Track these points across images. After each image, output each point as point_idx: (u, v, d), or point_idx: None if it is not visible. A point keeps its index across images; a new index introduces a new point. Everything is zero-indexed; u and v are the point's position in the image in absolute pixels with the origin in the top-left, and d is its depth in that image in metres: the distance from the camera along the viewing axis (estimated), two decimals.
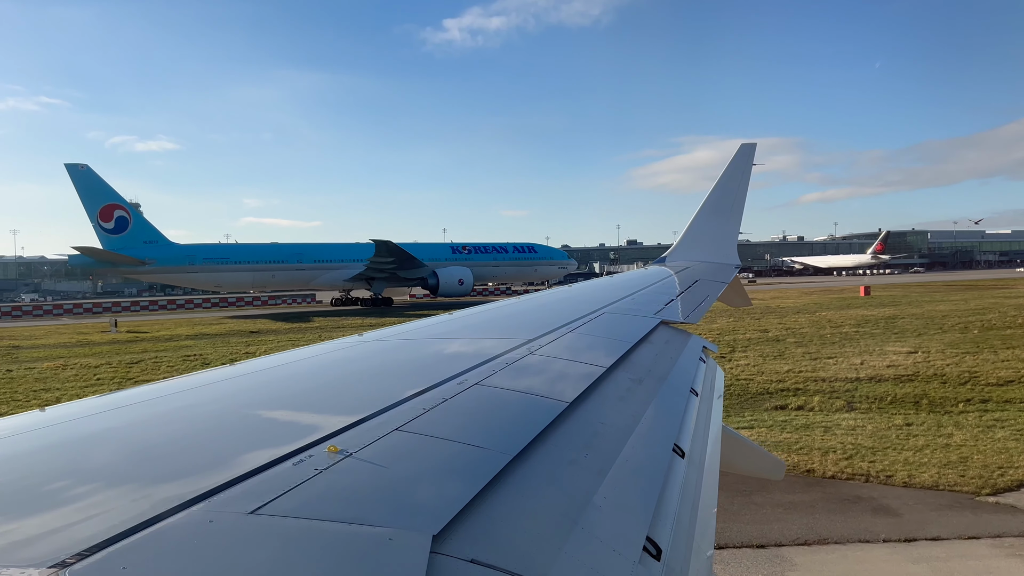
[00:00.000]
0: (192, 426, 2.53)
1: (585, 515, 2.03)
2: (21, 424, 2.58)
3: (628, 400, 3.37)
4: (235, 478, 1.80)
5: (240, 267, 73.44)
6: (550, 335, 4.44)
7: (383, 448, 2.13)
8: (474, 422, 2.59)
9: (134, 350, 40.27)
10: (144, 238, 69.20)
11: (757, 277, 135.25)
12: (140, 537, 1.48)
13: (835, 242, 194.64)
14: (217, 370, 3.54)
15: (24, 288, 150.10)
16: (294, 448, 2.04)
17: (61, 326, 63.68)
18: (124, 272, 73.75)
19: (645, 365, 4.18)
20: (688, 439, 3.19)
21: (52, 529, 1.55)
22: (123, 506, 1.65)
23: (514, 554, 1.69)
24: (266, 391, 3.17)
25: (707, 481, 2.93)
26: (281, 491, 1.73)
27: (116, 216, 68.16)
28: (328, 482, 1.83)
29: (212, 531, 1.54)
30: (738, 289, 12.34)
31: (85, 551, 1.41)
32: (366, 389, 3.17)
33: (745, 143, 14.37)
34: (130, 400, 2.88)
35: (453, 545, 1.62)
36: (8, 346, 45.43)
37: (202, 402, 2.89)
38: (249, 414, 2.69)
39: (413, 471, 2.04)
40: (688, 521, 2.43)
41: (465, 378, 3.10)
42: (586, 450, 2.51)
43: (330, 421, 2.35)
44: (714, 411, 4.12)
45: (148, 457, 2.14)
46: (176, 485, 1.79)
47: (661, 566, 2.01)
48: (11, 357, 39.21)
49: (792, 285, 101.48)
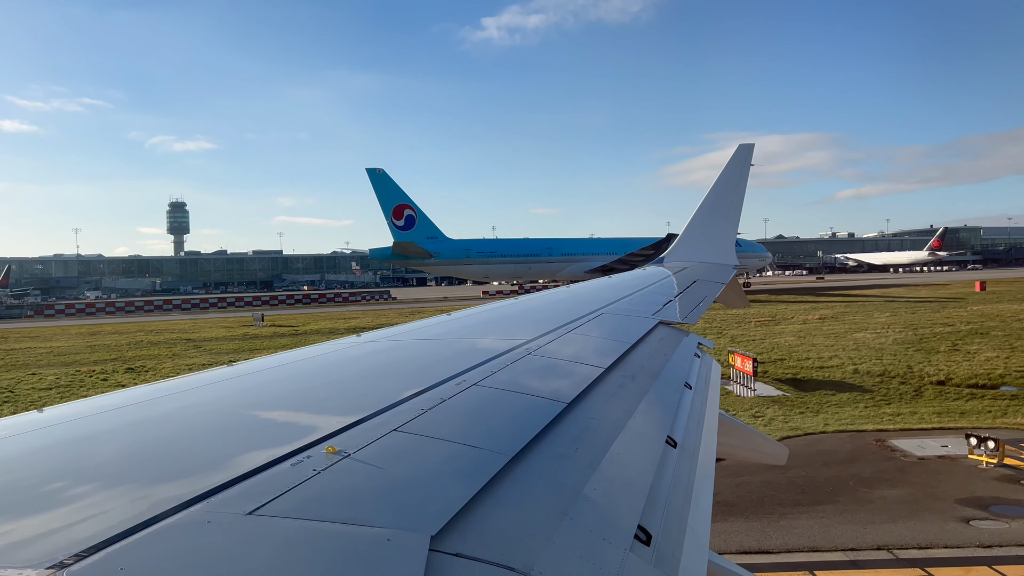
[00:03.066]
0: (190, 427, 2.53)
1: (582, 510, 2.03)
2: (20, 424, 2.57)
3: (625, 399, 3.37)
4: (233, 479, 1.80)
5: (505, 260, 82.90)
6: (548, 336, 4.44)
7: (381, 449, 2.13)
8: (472, 423, 2.59)
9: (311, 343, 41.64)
10: (427, 234, 78.56)
11: (827, 274, 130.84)
12: (138, 538, 1.48)
13: (886, 239, 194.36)
14: (216, 371, 3.53)
15: (86, 285, 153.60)
16: (292, 449, 2.04)
17: (199, 320, 67.02)
18: (413, 264, 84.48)
19: (643, 365, 4.18)
20: (681, 431, 3.25)
21: (50, 530, 1.55)
22: (121, 506, 1.65)
23: (511, 551, 1.69)
24: (265, 392, 3.17)
25: (701, 469, 2.96)
26: (279, 492, 1.73)
27: (406, 215, 77.77)
28: (326, 483, 1.83)
29: (210, 531, 1.54)
30: (736, 290, 12.34)
31: (83, 552, 1.41)
32: (364, 390, 3.17)
33: (743, 143, 14.37)
34: (129, 401, 2.88)
35: (451, 545, 1.62)
36: (183, 339, 47.99)
37: (201, 403, 2.89)
38: (247, 415, 2.69)
39: (411, 472, 2.04)
40: (681, 508, 2.46)
41: (463, 379, 3.10)
42: (583, 448, 2.51)
43: (328, 422, 2.35)
44: (709, 403, 4.16)
45: (146, 458, 2.14)
46: (174, 485, 1.79)
47: (651, 550, 2.04)
48: (203, 349, 41.84)
49: (880, 282, 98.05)
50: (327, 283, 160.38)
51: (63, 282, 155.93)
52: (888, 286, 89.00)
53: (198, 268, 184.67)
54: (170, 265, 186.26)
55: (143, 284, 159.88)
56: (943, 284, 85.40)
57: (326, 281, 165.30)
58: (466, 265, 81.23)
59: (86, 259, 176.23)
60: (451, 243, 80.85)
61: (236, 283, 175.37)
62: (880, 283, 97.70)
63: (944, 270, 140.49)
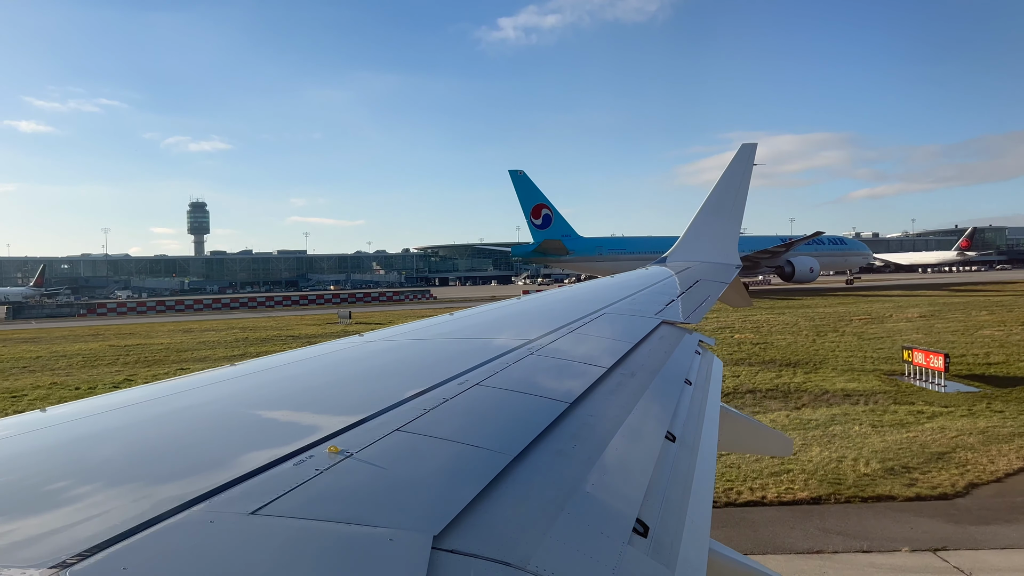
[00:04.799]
0: (193, 426, 2.53)
1: (581, 505, 2.04)
2: (22, 424, 2.57)
3: (626, 397, 3.38)
4: (236, 478, 1.80)
5: (633, 256, 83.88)
6: (551, 335, 4.45)
7: (384, 449, 2.13)
8: (475, 422, 2.59)
9: None
10: (562, 232, 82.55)
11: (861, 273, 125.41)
12: (141, 537, 1.48)
13: (911, 239, 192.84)
14: (218, 370, 3.54)
15: (115, 285, 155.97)
16: (295, 448, 2.04)
17: (280, 318, 67.38)
18: (550, 261, 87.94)
19: (645, 364, 4.19)
20: (680, 426, 3.27)
21: (53, 529, 1.55)
22: (124, 506, 1.65)
23: (510, 547, 1.69)
24: (267, 391, 3.17)
25: (701, 463, 2.98)
26: (282, 491, 1.73)
27: (543, 214, 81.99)
28: (329, 482, 1.83)
29: (213, 531, 1.54)
30: (739, 289, 12.34)
31: (86, 551, 1.41)
32: (367, 389, 3.17)
33: (746, 143, 14.36)
34: (131, 400, 2.88)
35: (453, 544, 1.62)
36: (284, 336, 48.30)
37: (203, 402, 2.89)
38: (250, 414, 2.69)
39: (414, 471, 2.04)
40: (679, 500, 2.47)
41: (466, 378, 3.10)
42: (584, 446, 2.51)
43: (331, 421, 2.35)
44: (710, 398, 4.18)
45: (149, 457, 2.14)
46: (177, 485, 1.79)
47: (648, 542, 2.05)
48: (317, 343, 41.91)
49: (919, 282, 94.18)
50: (352, 283, 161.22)
51: (92, 281, 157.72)
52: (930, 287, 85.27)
53: (224, 268, 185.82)
54: (196, 265, 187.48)
55: (171, 284, 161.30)
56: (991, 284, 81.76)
57: (351, 281, 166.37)
58: (598, 261, 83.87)
59: (113, 259, 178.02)
60: (583, 241, 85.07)
61: (261, 283, 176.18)
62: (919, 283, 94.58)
63: (972, 270, 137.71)
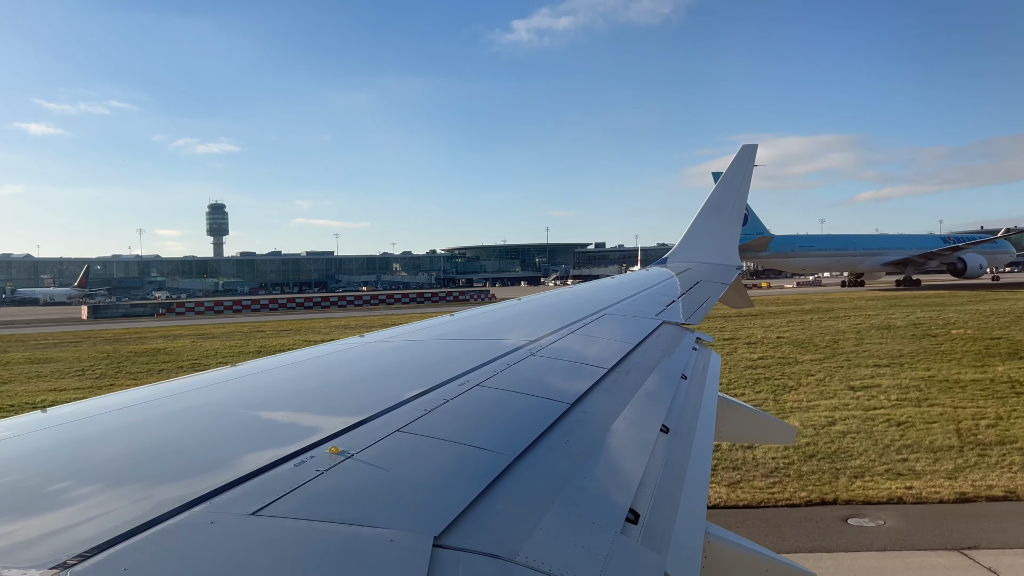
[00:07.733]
0: (194, 427, 2.53)
1: (574, 498, 2.05)
2: (22, 424, 2.58)
3: (624, 395, 3.40)
4: (236, 479, 1.80)
5: (820, 253, 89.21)
6: (551, 336, 4.45)
7: (384, 449, 2.13)
8: (476, 423, 2.59)
9: None
10: (757, 230, 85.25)
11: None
12: (141, 538, 1.48)
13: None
14: (219, 371, 3.54)
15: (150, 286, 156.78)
16: (296, 449, 2.03)
17: (358, 318, 66.39)
18: (749, 257, 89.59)
19: (644, 363, 4.20)
20: (675, 418, 3.32)
21: (53, 530, 1.54)
22: (124, 507, 1.65)
23: (503, 542, 1.69)
24: (267, 392, 3.17)
25: (696, 453, 3.02)
26: (282, 492, 1.73)
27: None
28: (329, 483, 1.83)
29: (213, 532, 1.54)
30: (739, 290, 12.35)
31: (86, 552, 1.40)
32: (368, 390, 3.17)
33: (746, 144, 14.37)
34: (131, 401, 2.88)
35: (454, 545, 1.61)
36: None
37: (203, 403, 2.89)
38: (250, 415, 2.69)
39: (414, 472, 2.04)
40: (672, 489, 2.50)
41: (467, 379, 3.10)
42: (582, 444, 2.52)
43: (331, 422, 2.34)
44: (707, 391, 4.23)
45: (149, 458, 2.14)
46: (177, 486, 1.78)
47: (638, 528, 2.07)
48: None
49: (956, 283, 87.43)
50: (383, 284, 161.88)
51: (126, 282, 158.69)
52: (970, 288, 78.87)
53: (254, 268, 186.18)
54: (227, 266, 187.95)
55: (205, 284, 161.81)
56: None
57: (382, 282, 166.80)
58: (790, 258, 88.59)
59: (145, 259, 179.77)
60: (778, 238, 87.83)
61: (291, 283, 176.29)
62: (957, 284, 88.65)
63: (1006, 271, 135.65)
